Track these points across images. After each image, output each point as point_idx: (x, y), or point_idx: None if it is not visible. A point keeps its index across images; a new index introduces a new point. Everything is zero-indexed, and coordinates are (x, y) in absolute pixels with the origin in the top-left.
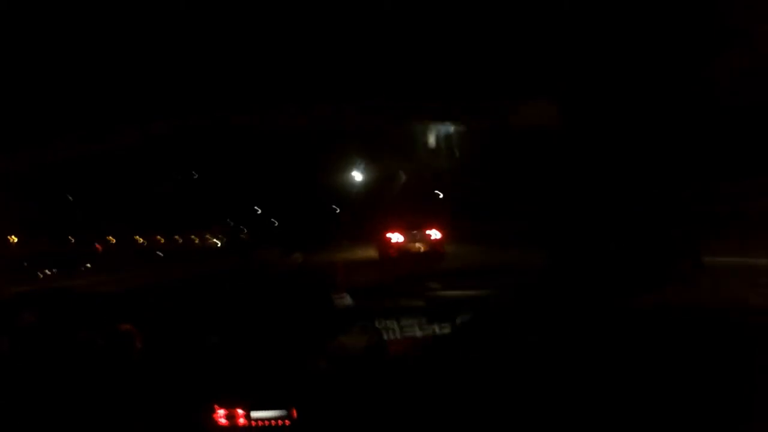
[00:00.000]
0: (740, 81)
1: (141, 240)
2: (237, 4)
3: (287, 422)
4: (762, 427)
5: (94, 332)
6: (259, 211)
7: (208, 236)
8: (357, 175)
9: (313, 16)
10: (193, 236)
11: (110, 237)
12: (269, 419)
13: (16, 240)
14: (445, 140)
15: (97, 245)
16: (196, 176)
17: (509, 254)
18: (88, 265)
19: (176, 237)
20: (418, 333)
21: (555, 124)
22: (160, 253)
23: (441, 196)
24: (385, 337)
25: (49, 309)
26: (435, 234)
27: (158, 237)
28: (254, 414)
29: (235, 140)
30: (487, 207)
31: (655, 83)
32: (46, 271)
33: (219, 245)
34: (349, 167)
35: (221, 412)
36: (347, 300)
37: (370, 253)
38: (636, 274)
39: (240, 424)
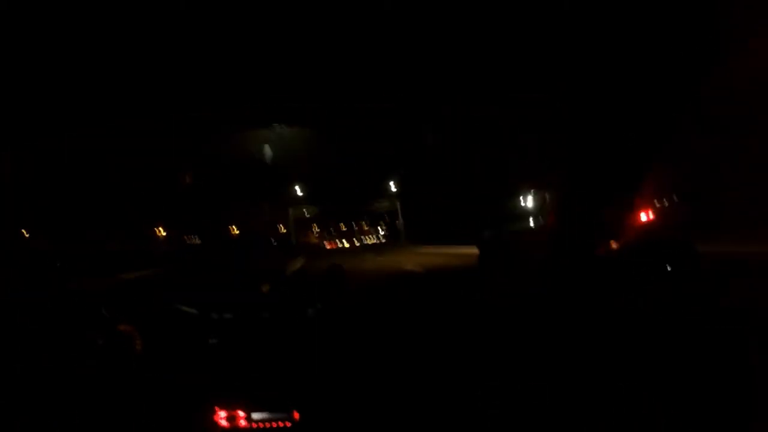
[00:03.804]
0: (739, 82)
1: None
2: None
3: (288, 423)
4: (760, 427)
5: (94, 332)
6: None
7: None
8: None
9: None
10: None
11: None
12: (270, 420)
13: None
14: None
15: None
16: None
17: None
18: None
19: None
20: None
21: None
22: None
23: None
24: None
25: (52, 309)
26: (646, 216)
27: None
28: (255, 415)
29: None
30: None
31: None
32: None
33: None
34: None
35: (222, 413)
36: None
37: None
38: (633, 275)
39: (241, 426)
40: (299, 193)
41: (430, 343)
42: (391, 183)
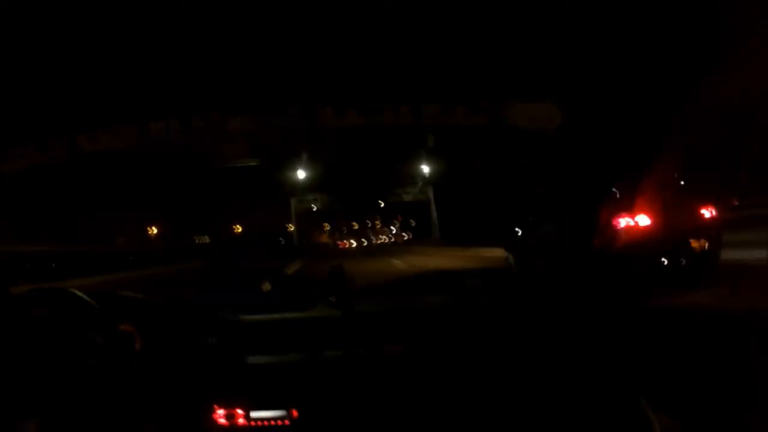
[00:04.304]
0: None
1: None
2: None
3: (287, 422)
4: (760, 427)
5: (94, 332)
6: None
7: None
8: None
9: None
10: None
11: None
12: (269, 419)
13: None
14: None
15: None
16: None
17: None
18: None
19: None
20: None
21: (555, 125)
22: None
23: None
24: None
25: (50, 309)
26: (708, 212)
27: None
28: (254, 414)
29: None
30: None
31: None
32: None
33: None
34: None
35: (221, 412)
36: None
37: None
38: (651, 275)
39: (239, 424)
40: (301, 176)
41: (430, 344)
42: (423, 166)
